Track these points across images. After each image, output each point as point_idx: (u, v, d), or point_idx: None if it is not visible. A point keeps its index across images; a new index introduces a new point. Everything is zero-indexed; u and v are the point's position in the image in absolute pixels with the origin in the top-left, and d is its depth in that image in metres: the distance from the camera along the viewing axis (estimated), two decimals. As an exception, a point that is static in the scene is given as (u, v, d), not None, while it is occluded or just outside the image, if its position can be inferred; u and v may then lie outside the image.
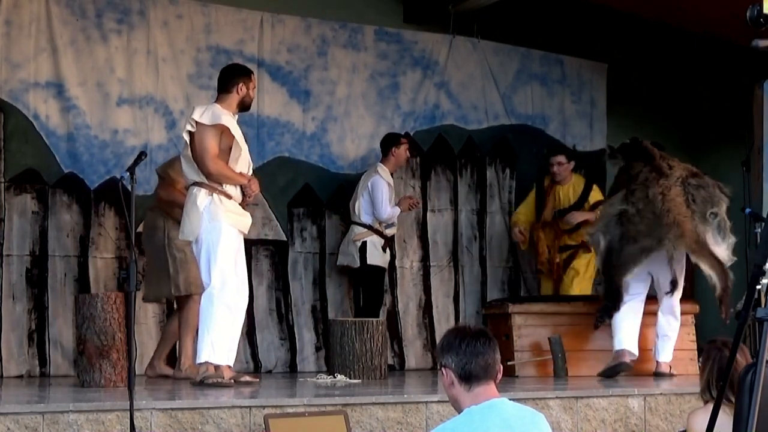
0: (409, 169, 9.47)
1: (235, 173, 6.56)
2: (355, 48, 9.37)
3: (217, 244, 6.45)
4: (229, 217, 6.53)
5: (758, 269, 3.20)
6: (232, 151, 6.59)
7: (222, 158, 6.52)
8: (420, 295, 9.49)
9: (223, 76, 6.80)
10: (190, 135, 6.54)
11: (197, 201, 6.50)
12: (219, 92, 6.73)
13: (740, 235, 9.64)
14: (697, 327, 8.23)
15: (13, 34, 8.06)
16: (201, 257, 6.52)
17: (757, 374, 3.01)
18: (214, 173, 6.48)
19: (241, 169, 6.63)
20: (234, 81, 6.72)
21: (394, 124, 9.42)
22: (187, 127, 6.56)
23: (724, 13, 8.26)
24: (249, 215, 6.73)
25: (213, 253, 6.46)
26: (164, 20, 8.61)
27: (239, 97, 6.71)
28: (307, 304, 9.02)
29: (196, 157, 6.50)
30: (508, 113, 10.05)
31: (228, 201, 6.55)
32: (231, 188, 6.56)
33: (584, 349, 8.08)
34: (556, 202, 9.16)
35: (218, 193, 6.51)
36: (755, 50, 3.25)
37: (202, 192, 6.51)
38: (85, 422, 5.02)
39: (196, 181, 6.53)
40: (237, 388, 6.35)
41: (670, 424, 6.38)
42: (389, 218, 8.76)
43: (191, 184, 6.55)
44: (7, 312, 7.89)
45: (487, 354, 3.55)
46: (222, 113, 6.56)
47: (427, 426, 5.66)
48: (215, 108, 6.60)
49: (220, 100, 6.69)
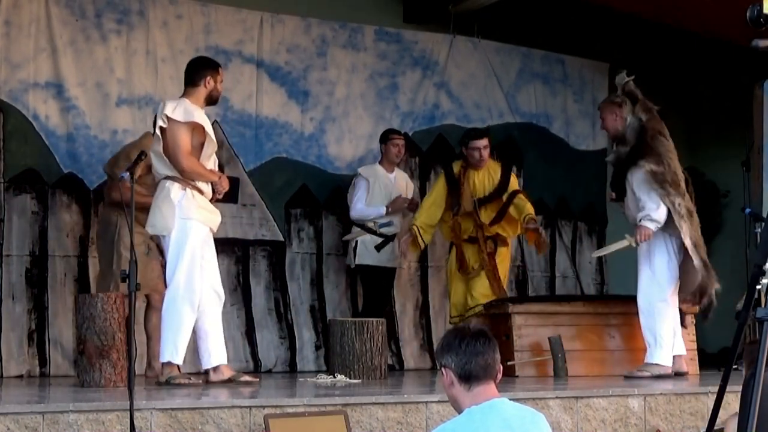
0: (408, 168, 9.47)
1: (207, 170, 6.53)
2: (355, 48, 9.37)
3: (185, 242, 6.41)
4: (200, 213, 6.48)
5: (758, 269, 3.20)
6: (205, 148, 6.55)
7: (195, 155, 6.48)
8: (417, 296, 9.49)
9: (190, 69, 6.73)
10: (162, 130, 6.50)
11: (170, 194, 6.43)
12: (186, 86, 6.65)
13: (740, 235, 9.67)
14: (697, 327, 8.21)
15: (12, 35, 8.06)
16: (168, 253, 6.49)
17: (757, 375, 3.00)
18: (187, 170, 6.44)
19: (210, 166, 6.61)
20: (201, 74, 6.66)
21: (393, 124, 9.42)
22: (159, 122, 6.52)
23: (724, 13, 8.25)
24: (219, 213, 6.69)
25: (180, 250, 6.42)
26: (164, 20, 8.61)
27: (207, 91, 6.64)
28: (305, 304, 9.02)
29: (168, 153, 6.44)
30: (512, 111, 10.06)
31: (200, 197, 6.51)
32: (203, 184, 6.53)
33: (584, 349, 8.07)
34: (472, 189, 8.68)
35: (191, 188, 6.47)
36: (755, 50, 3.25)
37: (175, 186, 6.45)
38: (85, 422, 5.02)
39: (169, 175, 6.47)
40: (236, 387, 6.35)
41: (670, 424, 6.38)
42: (360, 217, 8.73)
43: (163, 178, 6.48)
44: (7, 312, 7.89)
45: (487, 354, 3.54)
46: (194, 109, 6.50)
47: (427, 426, 5.66)
48: (186, 104, 6.53)
49: (188, 94, 6.62)
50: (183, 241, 6.42)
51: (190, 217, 6.45)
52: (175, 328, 6.40)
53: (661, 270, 7.63)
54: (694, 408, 6.47)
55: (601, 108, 7.96)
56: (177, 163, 6.42)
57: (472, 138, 8.67)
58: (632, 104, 7.77)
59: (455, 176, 8.68)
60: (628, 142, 7.73)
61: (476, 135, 8.73)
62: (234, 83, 8.78)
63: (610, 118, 7.81)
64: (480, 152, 8.58)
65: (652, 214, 7.50)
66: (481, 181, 8.66)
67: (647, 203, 7.52)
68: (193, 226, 6.46)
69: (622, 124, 7.74)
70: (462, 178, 8.65)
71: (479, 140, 8.62)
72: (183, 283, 6.40)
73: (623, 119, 7.75)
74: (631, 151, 7.68)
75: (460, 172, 8.68)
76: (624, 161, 7.69)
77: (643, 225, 7.51)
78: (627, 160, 7.67)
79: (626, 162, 7.67)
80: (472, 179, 8.66)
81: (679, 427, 6.39)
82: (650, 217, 7.50)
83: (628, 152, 7.69)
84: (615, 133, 7.81)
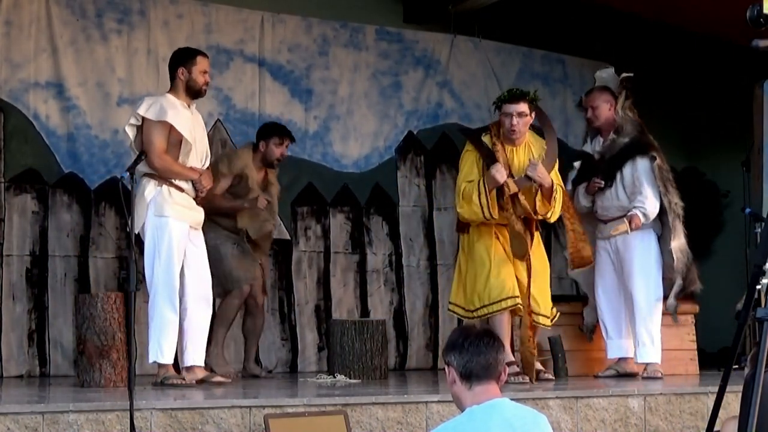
0: (414, 167, 9.46)
1: (184, 169, 6.50)
2: (356, 47, 9.37)
3: (161, 240, 6.39)
4: (176, 210, 6.44)
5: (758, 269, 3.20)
6: (182, 146, 6.54)
7: (172, 153, 6.46)
8: (427, 294, 9.48)
9: (169, 62, 6.77)
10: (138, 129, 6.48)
11: (144, 192, 6.42)
12: (170, 80, 6.71)
13: (740, 235, 9.67)
14: (697, 327, 8.22)
15: (13, 34, 8.06)
16: (145, 252, 6.47)
17: (757, 375, 3.01)
18: (160, 169, 6.43)
19: (192, 164, 6.57)
20: (174, 68, 6.67)
21: (397, 122, 9.43)
22: (131, 120, 6.53)
23: (724, 13, 8.25)
24: (201, 210, 6.68)
25: (157, 248, 6.40)
26: (164, 20, 8.61)
27: (183, 83, 6.63)
28: (310, 303, 9.01)
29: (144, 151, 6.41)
30: (512, 111, 10.05)
31: (178, 194, 6.48)
32: (182, 182, 6.51)
33: (584, 349, 8.07)
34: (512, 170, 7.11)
35: (168, 185, 6.45)
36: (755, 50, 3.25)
37: (150, 183, 6.44)
38: (85, 422, 5.02)
39: (146, 172, 6.45)
40: (210, 388, 6.35)
41: (670, 424, 6.38)
42: None
43: (141, 175, 6.45)
44: (7, 312, 7.88)
45: (489, 354, 3.57)
46: (169, 107, 6.47)
47: (427, 426, 5.66)
48: (163, 101, 6.52)
49: (171, 88, 6.66)
50: (159, 239, 6.40)
51: (164, 215, 6.42)
52: (159, 329, 6.41)
53: (657, 268, 7.67)
54: (694, 408, 6.47)
55: (594, 96, 7.79)
56: (150, 161, 6.40)
57: (506, 101, 7.07)
58: (624, 100, 7.78)
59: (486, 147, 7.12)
60: (627, 133, 7.72)
61: (512, 98, 7.07)
62: (236, 82, 8.78)
63: (605, 107, 7.74)
64: (512, 120, 7.01)
65: (647, 207, 7.51)
66: (521, 162, 7.14)
67: (648, 196, 7.52)
68: (168, 224, 6.42)
69: (614, 116, 7.74)
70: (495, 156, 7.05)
71: (514, 104, 7.03)
72: (162, 283, 6.39)
73: (616, 111, 7.75)
74: (632, 142, 7.68)
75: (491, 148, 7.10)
76: (623, 151, 7.67)
77: (637, 215, 7.50)
78: (627, 151, 7.66)
79: (625, 152, 7.66)
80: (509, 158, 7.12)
81: (679, 427, 6.39)
82: (644, 210, 7.51)
83: (627, 143, 7.69)
84: (606, 122, 7.77)
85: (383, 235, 9.30)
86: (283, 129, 7.94)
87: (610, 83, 7.92)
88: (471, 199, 6.99)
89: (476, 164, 7.12)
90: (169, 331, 6.41)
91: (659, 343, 7.60)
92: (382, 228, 9.31)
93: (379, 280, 9.24)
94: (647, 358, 7.56)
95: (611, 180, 7.66)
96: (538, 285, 7.18)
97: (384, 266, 9.27)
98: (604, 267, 7.77)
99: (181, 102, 6.60)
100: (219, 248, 7.43)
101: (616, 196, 7.66)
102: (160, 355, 6.41)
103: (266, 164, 7.82)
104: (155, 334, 6.41)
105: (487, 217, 6.99)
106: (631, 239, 7.60)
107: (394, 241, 9.33)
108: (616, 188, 7.65)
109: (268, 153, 7.76)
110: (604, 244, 7.77)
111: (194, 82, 6.62)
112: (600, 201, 7.75)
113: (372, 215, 9.28)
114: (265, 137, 7.80)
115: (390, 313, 9.06)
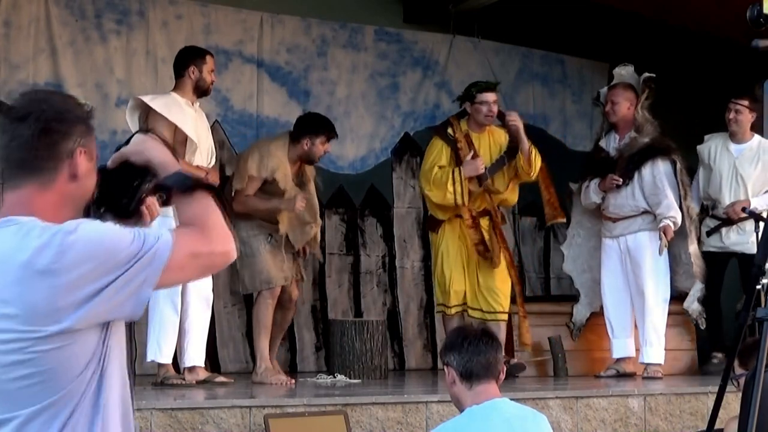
0: (410, 168, 9.46)
1: (190, 167, 6.43)
2: (355, 48, 9.37)
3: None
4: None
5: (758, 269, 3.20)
6: (188, 145, 6.51)
7: (179, 150, 6.40)
8: (421, 295, 9.47)
9: (176, 60, 6.72)
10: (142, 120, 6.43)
11: None
12: (175, 78, 6.66)
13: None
14: (697, 327, 8.21)
15: (12, 35, 8.05)
16: None
17: (757, 375, 3.01)
18: None
19: (198, 162, 6.54)
20: (185, 64, 6.62)
21: (394, 123, 9.42)
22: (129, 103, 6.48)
23: (724, 12, 8.25)
24: None
25: None
26: (163, 21, 8.60)
27: (193, 81, 6.60)
28: (307, 304, 9.01)
29: None
30: (511, 112, 10.05)
31: None
32: None
33: (584, 349, 8.07)
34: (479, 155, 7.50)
35: None
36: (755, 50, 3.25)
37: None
38: (85, 423, 5.01)
39: None
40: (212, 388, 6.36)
41: (670, 424, 6.38)
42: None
43: None
44: (7, 312, 7.87)
45: (488, 353, 3.57)
46: (173, 105, 6.45)
47: (427, 426, 5.66)
48: (168, 99, 6.50)
49: (176, 86, 6.62)
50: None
51: (166, 214, 6.41)
52: (158, 328, 6.40)
53: (667, 269, 7.65)
54: (694, 408, 6.47)
55: (618, 92, 7.79)
56: None
57: (482, 90, 7.55)
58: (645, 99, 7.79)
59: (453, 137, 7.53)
60: (647, 133, 7.70)
61: (486, 87, 7.61)
62: (234, 83, 8.78)
63: (625, 104, 7.74)
64: (489, 107, 7.49)
65: (677, 217, 7.47)
66: (486, 146, 7.60)
67: (673, 203, 7.48)
68: (170, 223, 6.40)
69: (633, 114, 7.74)
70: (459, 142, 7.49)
71: (489, 93, 7.55)
72: None
73: (636, 110, 7.75)
74: (653, 142, 7.67)
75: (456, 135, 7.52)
76: (643, 151, 7.65)
77: (669, 225, 7.44)
78: (647, 151, 7.64)
79: (646, 152, 7.64)
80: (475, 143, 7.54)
81: (679, 427, 6.39)
82: (675, 220, 7.46)
83: (648, 143, 7.67)
84: (622, 120, 7.75)
85: (377, 236, 9.30)
86: (331, 126, 7.32)
87: (630, 81, 7.95)
88: (443, 186, 7.38)
89: (443, 151, 7.53)
90: (169, 330, 6.42)
91: (664, 344, 7.59)
92: (377, 229, 9.30)
93: (372, 282, 9.23)
94: (652, 358, 7.54)
95: (629, 179, 7.63)
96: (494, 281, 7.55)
97: (377, 268, 9.27)
98: (613, 265, 7.73)
99: (185, 100, 6.59)
100: (251, 242, 7.03)
101: (632, 195, 7.62)
102: (158, 354, 6.41)
103: (305, 160, 7.29)
104: (154, 333, 6.41)
105: (458, 203, 7.38)
106: (643, 239, 7.58)
107: (387, 242, 9.32)
108: (632, 187, 7.62)
109: (312, 152, 7.17)
110: (612, 243, 7.73)
111: (203, 81, 6.63)
112: (614, 199, 7.69)
113: (366, 217, 9.27)
114: (310, 133, 7.18)
115: (383, 315, 9.04)
